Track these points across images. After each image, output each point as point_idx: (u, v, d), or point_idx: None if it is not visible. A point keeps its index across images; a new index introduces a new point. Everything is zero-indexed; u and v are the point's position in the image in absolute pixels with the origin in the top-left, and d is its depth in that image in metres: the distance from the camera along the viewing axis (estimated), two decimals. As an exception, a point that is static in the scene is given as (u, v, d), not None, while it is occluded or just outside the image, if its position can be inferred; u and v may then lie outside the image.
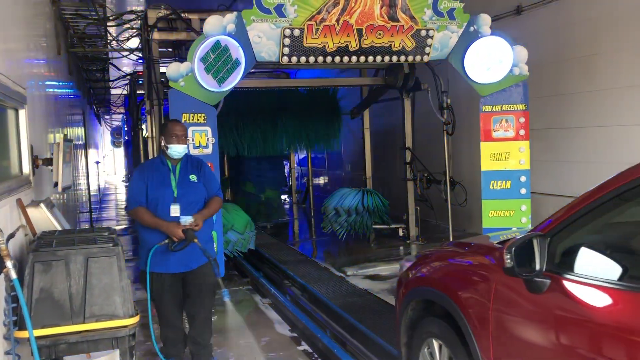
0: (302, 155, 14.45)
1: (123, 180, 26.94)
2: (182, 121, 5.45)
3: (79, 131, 11.04)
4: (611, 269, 2.17)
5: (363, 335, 4.81)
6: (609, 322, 2.09)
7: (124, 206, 16.55)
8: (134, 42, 8.35)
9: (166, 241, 3.71)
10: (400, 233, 9.01)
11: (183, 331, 4.05)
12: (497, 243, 2.90)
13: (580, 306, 2.20)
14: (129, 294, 2.92)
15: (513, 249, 2.33)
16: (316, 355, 4.63)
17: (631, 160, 2.31)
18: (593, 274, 2.19)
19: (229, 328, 5.17)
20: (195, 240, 3.71)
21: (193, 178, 3.90)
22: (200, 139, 5.42)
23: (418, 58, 6.17)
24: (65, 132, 7.23)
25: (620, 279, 2.14)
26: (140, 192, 3.79)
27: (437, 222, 9.08)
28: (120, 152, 29.57)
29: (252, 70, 6.81)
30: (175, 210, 3.79)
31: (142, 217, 3.76)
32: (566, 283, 2.26)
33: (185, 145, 3.89)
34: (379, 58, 6.04)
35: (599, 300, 2.15)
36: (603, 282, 2.15)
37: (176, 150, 3.84)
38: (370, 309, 5.55)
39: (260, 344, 4.76)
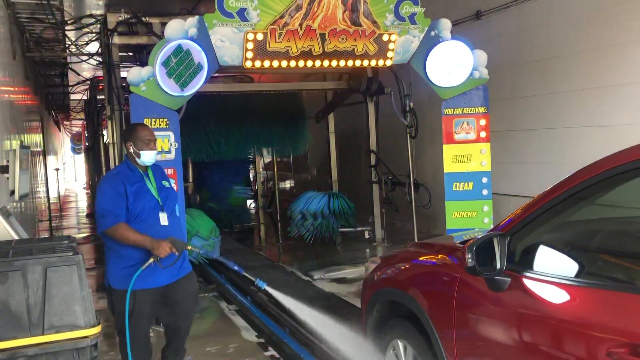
0: (267, 160, 14.41)
1: (84, 188, 26.34)
2: (144, 127, 5.38)
3: (37, 138, 10.75)
4: (569, 267, 2.23)
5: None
6: (567, 318, 2.15)
7: (85, 213, 16.17)
8: (94, 47, 8.17)
9: (151, 260, 3.36)
10: (367, 235, 9.07)
11: (151, 351, 3.82)
12: (459, 243, 2.95)
13: (540, 303, 2.25)
14: (91, 303, 2.85)
15: (474, 248, 2.38)
16: (283, 360, 4.61)
17: (586, 161, 2.38)
18: (551, 272, 2.25)
19: (195, 335, 5.08)
20: (189, 247, 3.56)
21: (166, 184, 3.72)
22: (162, 144, 5.34)
23: (380, 62, 6.23)
24: (23, 139, 7.04)
25: (578, 275, 2.20)
26: (118, 205, 3.42)
27: (403, 224, 9.18)
28: (81, 158, 28.89)
29: (215, 75, 6.77)
30: (164, 218, 3.57)
31: (124, 236, 3.39)
32: (526, 281, 2.32)
33: (156, 151, 3.65)
34: (342, 62, 6.07)
35: (558, 296, 2.21)
36: (561, 279, 2.21)
37: (149, 157, 3.58)
38: (337, 312, 5.55)
39: (227, 351, 4.72)
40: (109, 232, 3.44)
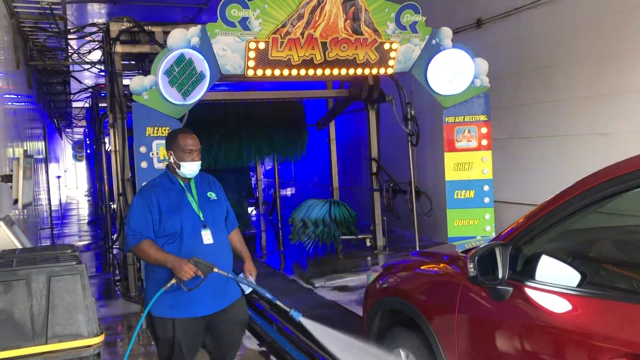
0: (268, 167, 14.43)
1: (85, 195, 26.37)
2: (147, 135, 5.39)
3: (40, 145, 10.79)
4: (571, 276, 2.23)
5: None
6: (569, 328, 2.15)
7: (86, 221, 16.18)
8: (96, 55, 8.22)
9: (173, 282, 3.07)
10: (368, 243, 9.07)
11: None
12: (461, 252, 2.96)
13: (542, 312, 2.26)
14: (94, 313, 2.86)
15: (476, 258, 2.38)
16: (285, 369, 4.60)
17: (588, 168, 2.39)
18: (553, 281, 2.25)
19: (196, 344, 5.09)
20: (216, 270, 3.10)
21: (212, 195, 3.38)
22: (165, 153, 5.36)
23: (382, 70, 6.26)
24: (25, 147, 7.06)
25: (580, 285, 2.20)
26: (145, 223, 3.17)
27: (404, 231, 9.18)
28: (83, 166, 28.96)
29: (217, 83, 6.79)
30: (207, 236, 3.24)
31: (146, 253, 3.15)
32: (528, 290, 2.32)
33: (199, 162, 3.29)
34: (343, 70, 6.11)
35: (560, 306, 2.21)
36: (563, 288, 2.21)
37: (190, 169, 3.26)
38: (339, 320, 5.55)
39: None
40: (134, 250, 3.24)
